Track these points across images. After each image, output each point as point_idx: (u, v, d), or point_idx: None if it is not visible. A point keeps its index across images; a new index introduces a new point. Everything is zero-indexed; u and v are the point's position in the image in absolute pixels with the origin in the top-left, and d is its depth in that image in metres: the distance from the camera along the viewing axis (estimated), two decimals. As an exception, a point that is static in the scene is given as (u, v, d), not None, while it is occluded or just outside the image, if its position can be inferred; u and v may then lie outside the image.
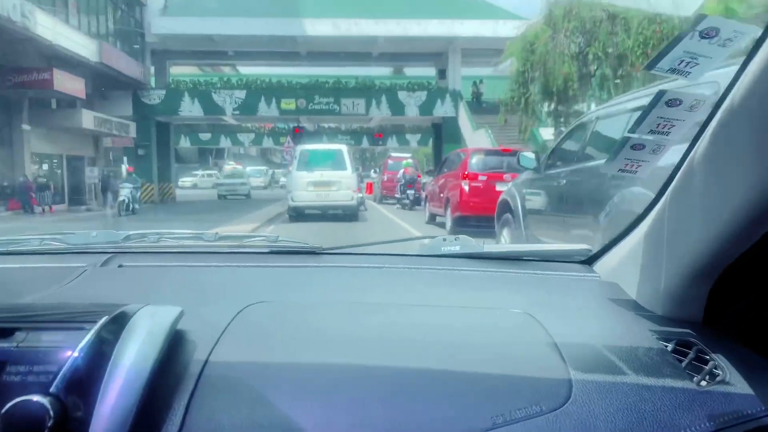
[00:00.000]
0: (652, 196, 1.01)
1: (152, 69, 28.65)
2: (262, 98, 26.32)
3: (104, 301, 0.89)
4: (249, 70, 36.02)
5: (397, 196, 21.85)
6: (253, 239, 1.54)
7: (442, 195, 12.50)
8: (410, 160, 22.86)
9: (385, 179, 24.13)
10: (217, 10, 25.17)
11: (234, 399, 0.72)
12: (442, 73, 29.92)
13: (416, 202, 22.01)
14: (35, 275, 1.20)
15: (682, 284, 0.89)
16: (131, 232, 1.44)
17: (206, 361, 0.77)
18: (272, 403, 0.71)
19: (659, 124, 0.90)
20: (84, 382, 0.65)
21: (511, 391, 0.74)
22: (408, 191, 20.91)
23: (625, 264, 1.10)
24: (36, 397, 0.62)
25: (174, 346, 0.76)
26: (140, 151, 25.81)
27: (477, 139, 23.41)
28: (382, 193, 24.14)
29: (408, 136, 41.36)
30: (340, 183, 14.47)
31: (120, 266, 1.23)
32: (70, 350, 0.66)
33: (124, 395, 0.65)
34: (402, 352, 0.83)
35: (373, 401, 0.73)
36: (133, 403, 0.65)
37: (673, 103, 0.88)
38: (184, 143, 43.26)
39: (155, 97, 25.87)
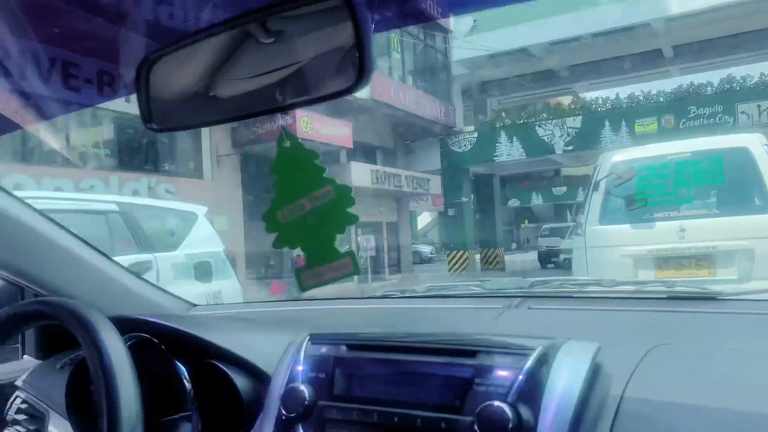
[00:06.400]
0: None
1: (470, 116, 23.59)
2: (606, 123, 18.19)
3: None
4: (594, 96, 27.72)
5: None
6: (650, 284, 1.62)
7: None
8: None
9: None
10: (527, 12, 18.55)
11: None
12: None
13: None
14: (468, 313, 1.46)
15: None
16: (537, 279, 1.62)
17: (622, 396, 0.84)
18: None
19: None
20: (529, 396, 0.80)
21: None
22: None
23: None
24: (498, 403, 0.80)
25: (593, 376, 0.85)
26: (450, 212, 20.39)
27: None
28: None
29: None
30: (752, 257, 4.33)
31: (529, 308, 1.36)
32: (518, 370, 0.82)
33: (560, 411, 0.78)
34: None
35: None
36: (569, 418, 0.77)
37: None
38: (536, 201, 37.25)
39: (465, 142, 20.28)
